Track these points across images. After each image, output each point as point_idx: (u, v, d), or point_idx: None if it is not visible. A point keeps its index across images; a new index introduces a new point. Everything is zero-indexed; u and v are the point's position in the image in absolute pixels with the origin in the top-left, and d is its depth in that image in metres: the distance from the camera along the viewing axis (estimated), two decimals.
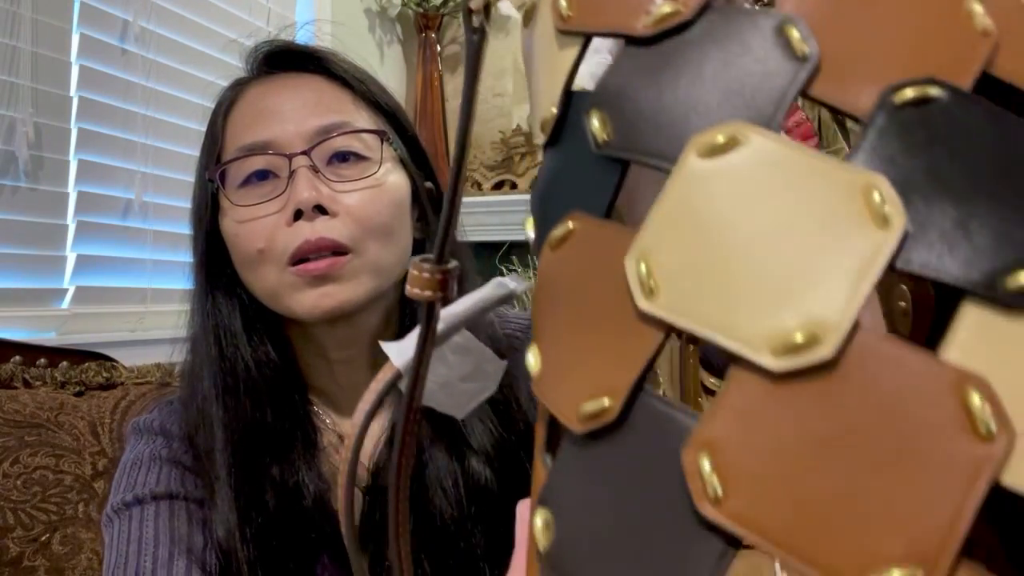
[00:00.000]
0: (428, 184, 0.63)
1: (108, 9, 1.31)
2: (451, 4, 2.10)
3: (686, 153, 0.15)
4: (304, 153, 0.55)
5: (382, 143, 0.58)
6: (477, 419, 0.59)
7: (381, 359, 0.53)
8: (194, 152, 1.56)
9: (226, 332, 0.59)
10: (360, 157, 0.57)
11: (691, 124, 0.15)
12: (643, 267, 0.15)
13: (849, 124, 2.01)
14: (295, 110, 0.57)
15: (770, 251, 0.13)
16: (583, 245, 0.17)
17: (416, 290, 0.24)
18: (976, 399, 0.11)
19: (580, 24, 0.18)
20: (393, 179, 0.58)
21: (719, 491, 0.13)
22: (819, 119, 1.87)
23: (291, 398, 0.59)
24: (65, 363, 1.04)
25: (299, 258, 0.55)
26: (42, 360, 1.01)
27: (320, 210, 0.54)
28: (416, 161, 0.62)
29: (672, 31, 0.16)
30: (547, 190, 0.19)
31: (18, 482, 0.88)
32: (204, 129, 0.60)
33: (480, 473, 0.57)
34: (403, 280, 0.57)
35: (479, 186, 2.02)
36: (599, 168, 0.17)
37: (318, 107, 0.57)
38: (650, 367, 0.15)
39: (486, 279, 0.32)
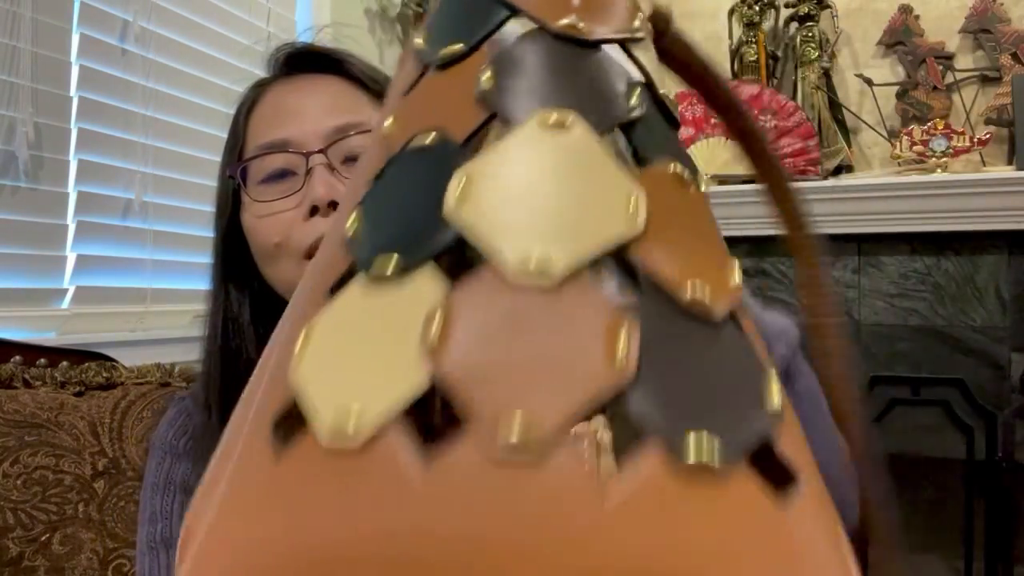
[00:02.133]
0: None
1: (108, 9, 1.31)
2: None
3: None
4: (321, 152, 0.57)
5: None
6: None
7: None
8: (194, 152, 1.56)
9: (234, 323, 0.61)
10: None
11: None
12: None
13: (850, 124, 2.02)
14: (313, 110, 0.59)
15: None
16: None
17: None
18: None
19: None
20: None
21: None
22: (819, 119, 1.88)
23: None
24: (65, 363, 1.04)
25: (314, 252, 0.56)
26: (42, 360, 1.01)
27: (335, 206, 0.56)
28: None
29: None
30: None
31: (18, 482, 0.88)
32: (205, 129, 0.60)
33: None
34: None
35: None
36: None
37: (335, 108, 0.59)
38: None
39: None
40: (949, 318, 1.66)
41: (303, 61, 0.64)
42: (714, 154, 1.79)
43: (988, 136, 1.61)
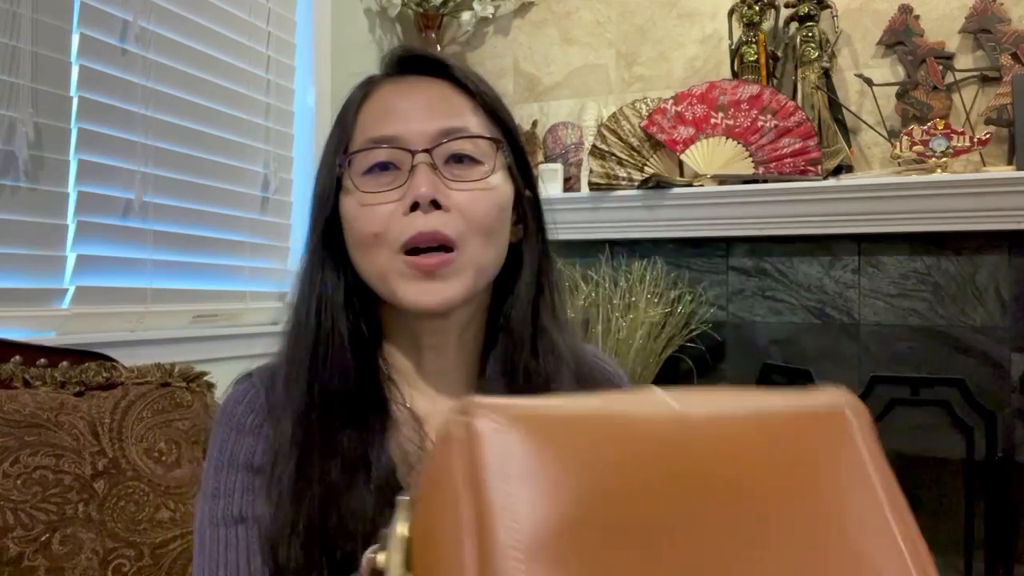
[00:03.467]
0: (528, 193, 0.68)
1: (108, 9, 1.31)
2: (451, 4, 2.10)
3: None
4: (426, 151, 0.60)
5: (496, 150, 0.63)
6: None
7: (467, 346, 0.63)
8: (194, 152, 1.56)
9: (328, 304, 0.64)
10: (474, 160, 0.62)
11: None
12: None
13: (850, 124, 2.02)
14: (421, 111, 0.62)
15: None
16: None
17: None
18: None
19: None
20: (501, 184, 0.63)
21: None
22: (819, 119, 1.88)
23: (374, 373, 0.64)
24: (65, 363, 1.04)
25: (411, 247, 0.59)
26: (42, 360, 1.01)
27: (434, 204, 0.59)
28: (520, 170, 0.67)
29: None
30: None
31: (18, 482, 0.88)
32: (205, 129, 0.60)
33: None
34: (496, 278, 0.63)
35: None
36: None
37: (441, 111, 0.62)
38: None
39: None
40: (949, 318, 1.66)
41: (413, 63, 0.67)
42: (714, 154, 1.79)
43: (988, 136, 1.61)
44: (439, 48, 2.15)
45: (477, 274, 0.61)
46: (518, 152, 0.67)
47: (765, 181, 1.74)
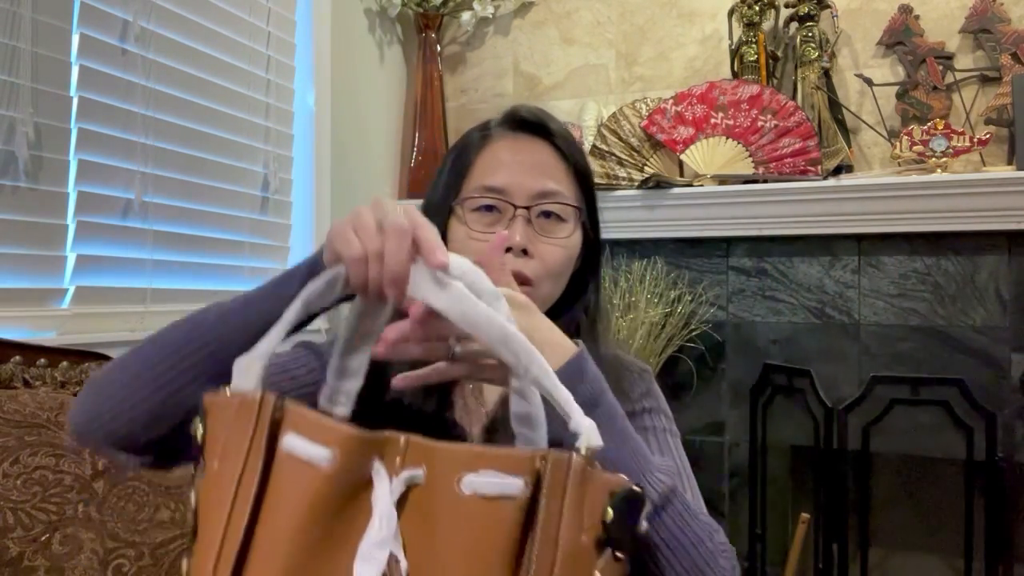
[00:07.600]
0: (592, 235, 0.82)
1: (108, 9, 1.31)
2: (451, 4, 2.10)
3: None
4: (526, 208, 0.75)
5: (578, 214, 0.78)
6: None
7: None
8: (194, 152, 1.56)
9: None
10: (560, 219, 0.77)
11: None
12: None
13: (850, 124, 2.02)
14: (526, 170, 0.77)
15: None
16: None
17: None
18: None
19: None
20: (575, 238, 0.78)
21: None
22: (819, 119, 1.87)
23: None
24: (65, 363, 1.04)
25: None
26: (42, 360, 1.01)
27: (523, 251, 0.74)
28: (591, 219, 0.81)
29: None
30: None
31: (18, 482, 0.88)
32: (205, 129, 0.59)
33: None
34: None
35: None
36: None
37: (542, 173, 0.77)
38: None
39: None
40: (949, 318, 1.66)
41: (527, 123, 0.79)
42: (714, 154, 1.79)
43: (988, 136, 1.61)
44: (439, 48, 2.15)
45: (543, 303, 0.74)
46: (592, 205, 0.82)
47: (765, 181, 1.74)
